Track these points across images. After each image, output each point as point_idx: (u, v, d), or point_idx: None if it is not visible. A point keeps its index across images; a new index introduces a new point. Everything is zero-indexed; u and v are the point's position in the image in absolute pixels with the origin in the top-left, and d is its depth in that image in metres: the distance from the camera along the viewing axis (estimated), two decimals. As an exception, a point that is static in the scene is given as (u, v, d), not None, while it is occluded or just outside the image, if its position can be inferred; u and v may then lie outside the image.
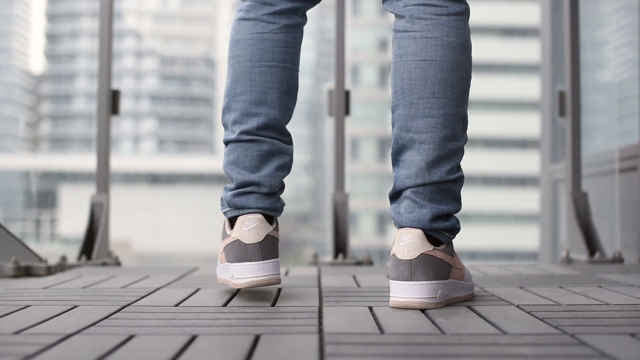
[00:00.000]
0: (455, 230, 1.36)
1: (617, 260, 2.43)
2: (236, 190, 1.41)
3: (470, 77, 1.40)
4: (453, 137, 1.33)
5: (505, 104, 34.89)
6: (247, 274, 1.35)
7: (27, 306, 1.32)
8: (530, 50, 33.19)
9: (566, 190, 2.80)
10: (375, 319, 1.17)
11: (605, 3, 3.96)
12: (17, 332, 1.06)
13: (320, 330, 1.07)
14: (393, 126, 1.37)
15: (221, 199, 1.46)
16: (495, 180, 33.98)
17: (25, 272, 2.06)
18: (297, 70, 1.46)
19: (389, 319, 1.17)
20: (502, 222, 32.94)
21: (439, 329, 1.07)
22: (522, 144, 34.94)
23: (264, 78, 1.41)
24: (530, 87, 32.89)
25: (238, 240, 1.36)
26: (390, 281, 1.30)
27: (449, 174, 1.32)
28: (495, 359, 0.89)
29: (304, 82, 37.74)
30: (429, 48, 1.33)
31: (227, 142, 1.44)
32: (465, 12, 1.41)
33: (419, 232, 1.29)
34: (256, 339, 1.00)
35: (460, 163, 1.37)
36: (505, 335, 1.03)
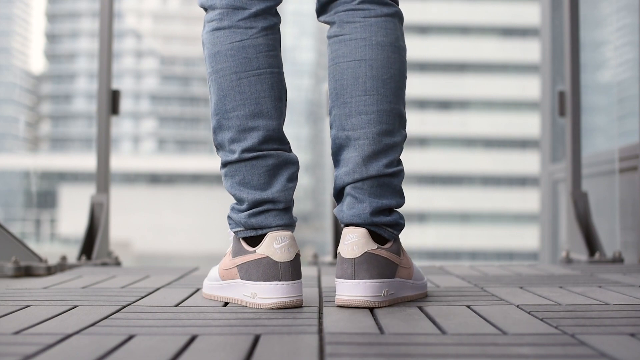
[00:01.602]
0: (398, 225, 1.35)
1: (617, 260, 2.43)
2: (251, 211, 1.33)
3: (404, 76, 1.38)
4: (388, 132, 1.34)
5: (505, 104, 34.87)
6: (276, 294, 1.27)
7: (27, 306, 1.32)
8: (530, 50, 33.19)
9: (566, 190, 2.80)
10: (375, 319, 1.17)
11: (605, 3, 3.96)
12: (17, 332, 1.06)
13: (320, 330, 1.07)
14: (331, 128, 1.38)
15: (229, 217, 1.38)
16: (495, 180, 33.97)
17: (25, 272, 2.06)
18: (283, 73, 1.39)
19: (389, 319, 1.17)
20: (502, 222, 32.92)
21: (439, 329, 1.07)
22: (522, 144, 34.93)
23: (255, 88, 1.33)
24: (530, 87, 32.89)
25: (267, 257, 1.28)
26: (335, 279, 1.31)
27: (386, 168, 1.33)
28: (495, 359, 0.89)
29: (304, 82, 37.73)
30: (359, 48, 1.34)
31: (226, 164, 1.36)
32: (396, 15, 1.39)
33: (363, 230, 1.29)
34: (256, 339, 1.00)
35: (400, 158, 1.37)
36: (505, 335, 1.03)
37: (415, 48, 32.48)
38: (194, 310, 1.28)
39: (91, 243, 2.48)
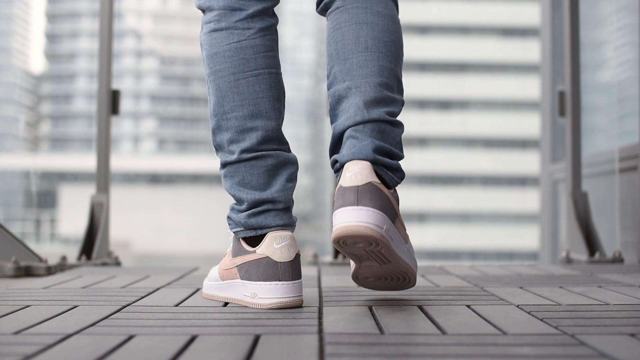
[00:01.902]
0: (399, 172, 1.31)
1: (617, 260, 2.43)
2: (250, 211, 1.33)
3: (402, 47, 1.38)
4: (388, 86, 1.32)
5: (505, 104, 34.88)
6: (276, 293, 1.27)
7: (27, 306, 1.32)
8: (530, 50, 33.19)
9: (566, 190, 2.80)
10: (375, 319, 1.17)
11: (605, 3, 3.96)
12: (17, 332, 1.06)
13: (320, 330, 1.07)
14: (329, 88, 1.36)
15: (228, 218, 1.38)
16: (495, 180, 33.97)
17: (25, 272, 2.06)
18: (281, 74, 1.39)
19: (389, 319, 1.17)
20: (502, 222, 32.92)
21: (439, 329, 1.07)
22: (522, 144, 34.93)
23: (253, 89, 1.33)
24: (530, 87, 32.89)
25: (267, 257, 1.28)
26: (334, 213, 1.24)
27: (387, 115, 1.31)
28: (495, 359, 0.89)
29: (304, 82, 37.74)
30: (360, 14, 1.35)
31: (225, 164, 1.36)
32: None
33: (366, 163, 1.24)
34: (256, 339, 1.00)
35: (399, 119, 1.34)
36: (505, 335, 1.03)
37: (415, 48, 32.47)
38: (194, 310, 1.28)
39: (91, 243, 2.48)
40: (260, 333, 1.04)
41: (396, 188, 1.32)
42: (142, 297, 1.45)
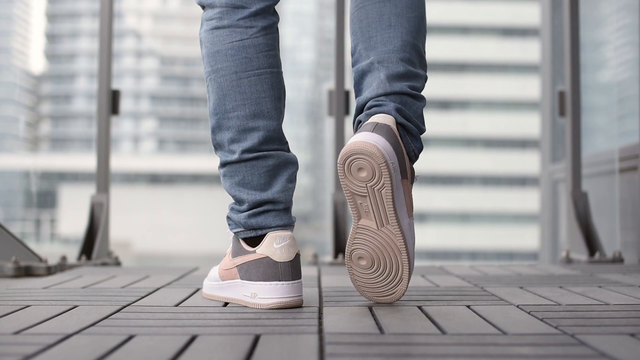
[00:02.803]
0: (418, 141, 1.32)
1: (617, 260, 2.43)
2: (250, 211, 1.33)
3: (425, 22, 1.40)
4: (412, 62, 1.35)
5: (505, 104, 34.87)
6: (276, 293, 1.27)
7: (27, 306, 1.32)
8: (530, 50, 33.19)
9: (566, 190, 2.80)
10: (375, 319, 1.17)
11: (605, 3, 3.96)
12: (17, 332, 1.06)
13: (320, 330, 1.07)
14: (354, 65, 1.39)
15: (228, 218, 1.38)
16: (495, 180, 33.97)
17: (25, 272, 2.06)
18: (282, 73, 1.39)
19: (389, 319, 1.17)
20: (502, 222, 32.91)
21: (439, 329, 1.07)
22: (522, 144, 34.93)
23: (255, 88, 1.33)
24: (530, 87, 32.89)
25: (267, 257, 1.28)
26: (348, 141, 1.26)
27: (410, 89, 1.33)
28: (495, 359, 0.89)
29: (304, 82, 37.72)
30: None
31: (225, 164, 1.35)
32: None
33: (390, 117, 1.28)
34: (256, 339, 1.00)
35: (423, 93, 1.36)
36: (505, 335, 1.03)
37: (415, 48, 32.42)
38: (194, 310, 1.28)
39: (91, 243, 2.48)
40: (260, 333, 1.04)
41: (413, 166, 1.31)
42: (142, 297, 1.45)
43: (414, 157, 1.31)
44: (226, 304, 1.36)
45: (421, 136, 1.34)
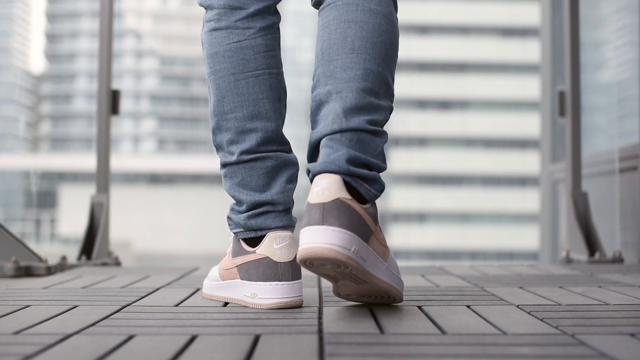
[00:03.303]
0: (377, 183, 1.20)
1: (617, 260, 2.43)
2: (250, 212, 1.32)
3: (395, 48, 1.28)
4: (374, 92, 1.22)
5: (505, 104, 34.87)
6: (276, 294, 1.27)
7: (27, 306, 1.32)
8: (530, 50, 33.19)
9: (566, 190, 2.80)
10: (375, 319, 1.17)
11: (605, 3, 3.96)
12: (17, 332, 1.06)
13: (320, 330, 1.07)
14: (312, 91, 1.28)
15: (228, 218, 1.37)
16: (495, 180, 33.96)
17: (25, 272, 2.06)
18: (282, 73, 1.37)
19: (389, 319, 1.17)
20: (502, 222, 32.90)
21: (439, 329, 1.07)
22: (522, 144, 34.92)
23: (252, 90, 1.32)
24: (530, 87, 32.89)
25: (267, 257, 1.27)
26: (300, 231, 1.15)
27: (368, 124, 1.20)
28: (495, 359, 0.89)
29: (304, 82, 37.72)
30: (350, 12, 1.26)
31: (225, 165, 1.35)
32: None
33: (336, 177, 1.14)
34: (256, 339, 1.00)
35: (384, 128, 1.26)
36: (505, 335, 1.03)
37: (415, 48, 32.47)
38: (194, 310, 1.28)
39: (91, 243, 2.48)
40: (260, 333, 1.04)
41: (379, 199, 1.24)
42: (142, 297, 1.45)
43: (374, 199, 1.21)
44: (226, 304, 1.36)
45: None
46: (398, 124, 35.17)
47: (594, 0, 4.03)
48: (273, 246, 1.28)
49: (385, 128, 1.27)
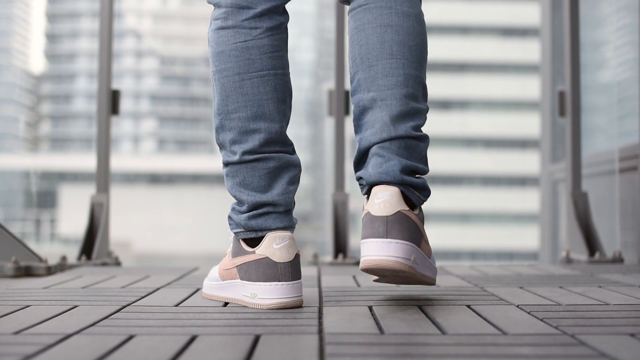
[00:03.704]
0: (426, 190, 1.32)
1: (617, 260, 2.43)
2: (250, 213, 1.32)
3: (426, 49, 1.36)
4: (414, 96, 1.31)
5: (505, 104, 34.86)
6: (276, 294, 1.27)
7: (27, 306, 1.32)
8: (530, 50, 33.18)
9: (566, 190, 2.80)
10: (375, 319, 1.17)
11: (605, 3, 3.96)
12: (17, 332, 1.06)
13: (320, 330, 1.07)
14: (353, 95, 1.36)
15: (229, 217, 1.37)
16: (495, 180, 33.95)
17: (25, 272, 2.06)
18: (289, 74, 1.37)
19: (389, 319, 1.17)
20: (502, 222, 32.89)
21: (439, 329, 1.07)
22: (522, 144, 34.92)
23: (257, 90, 1.32)
24: (530, 87, 32.88)
25: (267, 258, 1.27)
26: (362, 241, 1.25)
27: (413, 131, 1.30)
28: (495, 359, 0.89)
29: (304, 82, 37.72)
30: (384, 15, 1.32)
31: (227, 164, 1.35)
32: None
33: (395, 189, 1.25)
34: (256, 339, 1.00)
35: (423, 129, 1.33)
36: (505, 336, 1.03)
37: (415, 48, 32.43)
38: (194, 310, 1.28)
39: (91, 243, 2.48)
40: (260, 333, 1.04)
41: (421, 206, 1.32)
42: (142, 297, 1.45)
43: (422, 204, 1.32)
44: (226, 304, 1.36)
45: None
46: (398, 124, 35.00)
47: (594, 0, 4.03)
48: (273, 246, 1.28)
49: None
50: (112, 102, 2.65)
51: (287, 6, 1.42)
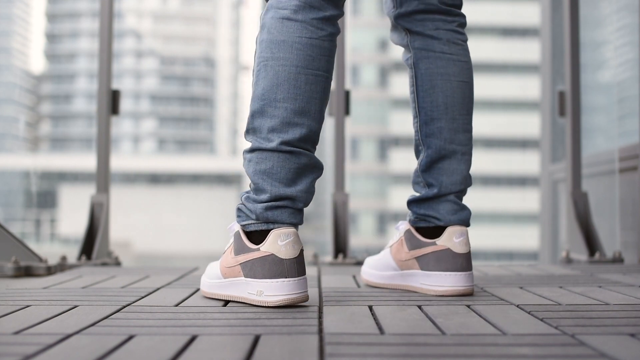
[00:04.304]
0: None
1: (617, 260, 2.43)
2: (269, 203, 1.32)
3: None
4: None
5: (505, 104, 34.87)
6: (282, 290, 1.28)
7: (27, 306, 1.32)
8: (530, 50, 33.19)
9: (566, 190, 2.80)
10: (375, 319, 1.17)
11: (605, 3, 3.96)
12: (17, 332, 1.06)
13: (320, 330, 1.07)
14: (429, 136, 1.54)
15: (240, 208, 1.37)
16: (495, 180, 33.95)
17: (25, 272, 2.06)
18: (331, 81, 1.42)
19: (389, 319, 1.17)
20: (502, 222, 32.88)
21: (439, 329, 1.07)
22: (522, 144, 34.93)
23: (309, 87, 1.33)
24: (530, 87, 32.89)
25: (272, 254, 1.28)
26: (444, 272, 1.47)
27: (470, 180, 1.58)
28: (495, 359, 0.89)
29: (304, 82, 37.75)
30: (464, 71, 1.55)
31: (256, 149, 1.34)
32: None
33: (467, 231, 1.51)
34: (256, 339, 1.00)
35: (386, 128, 1.48)
36: (505, 336, 1.03)
37: (415, 48, 32.43)
38: (194, 310, 1.28)
39: (91, 243, 2.48)
40: (260, 333, 1.04)
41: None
42: (142, 297, 1.45)
43: None
44: (226, 303, 1.36)
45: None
46: (398, 124, 35.16)
47: (594, 0, 4.03)
48: (278, 243, 1.28)
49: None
50: (112, 102, 2.65)
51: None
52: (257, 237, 1.35)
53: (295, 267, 1.28)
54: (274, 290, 1.28)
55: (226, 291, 1.38)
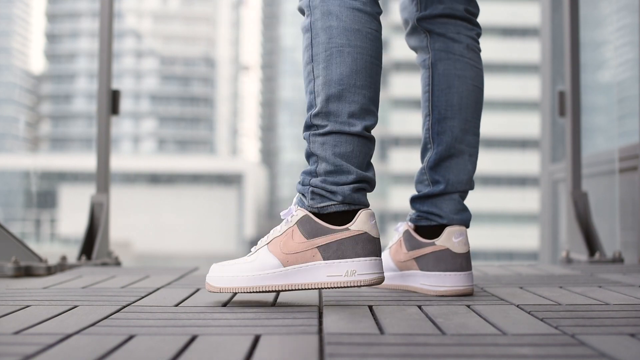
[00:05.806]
0: None
1: (617, 260, 2.43)
2: (356, 185, 1.33)
3: None
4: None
5: (505, 104, 34.87)
6: (376, 269, 1.31)
7: (27, 306, 1.32)
8: (530, 50, 33.19)
9: (566, 190, 2.80)
10: (375, 319, 1.17)
11: (605, 3, 3.96)
12: (17, 332, 1.06)
13: (320, 330, 1.07)
14: (441, 134, 1.56)
15: (312, 192, 1.34)
16: (495, 180, 33.96)
17: (25, 272, 2.06)
18: None
19: (389, 319, 1.17)
20: (502, 222, 32.89)
21: (439, 329, 1.07)
22: (522, 144, 34.94)
23: (377, 78, 1.37)
24: (530, 87, 32.89)
25: (366, 233, 1.30)
26: (444, 273, 1.48)
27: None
28: (495, 359, 0.89)
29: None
30: (479, 77, 1.60)
31: (333, 132, 1.33)
32: None
33: (466, 230, 1.54)
34: (256, 339, 1.00)
35: (386, 128, 1.48)
36: (505, 336, 1.03)
37: (415, 48, 32.42)
38: (194, 310, 1.28)
39: (91, 243, 2.48)
40: (260, 333, 1.04)
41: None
42: (142, 297, 1.45)
43: None
44: (226, 304, 1.36)
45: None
46: (398, 124, 35.16)
47: (594, 0, 4.03)
48: (369, 222, 1.32)
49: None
50: (112, 102, 2.65)
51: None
52: (334, 218, 1.33)
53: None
54: (369, 268, 1.30)
55: (287, 280, 1.32)
